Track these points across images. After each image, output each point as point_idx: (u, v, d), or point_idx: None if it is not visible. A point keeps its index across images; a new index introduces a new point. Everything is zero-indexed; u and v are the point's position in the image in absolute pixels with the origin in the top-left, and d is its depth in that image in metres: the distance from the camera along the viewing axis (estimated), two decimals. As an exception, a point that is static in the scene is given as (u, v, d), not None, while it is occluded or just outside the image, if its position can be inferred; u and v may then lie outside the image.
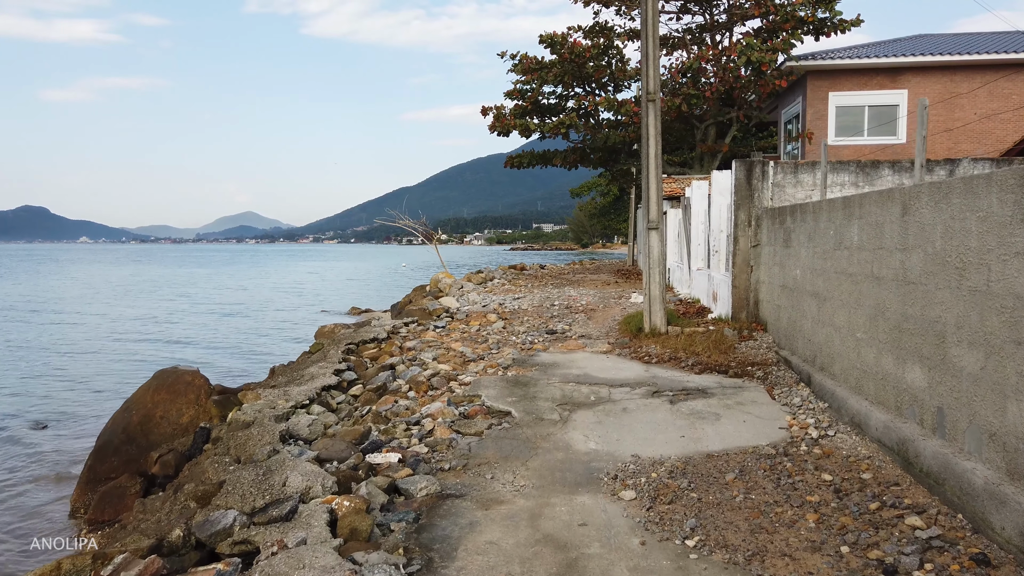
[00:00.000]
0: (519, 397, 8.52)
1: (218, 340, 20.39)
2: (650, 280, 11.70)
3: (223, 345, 19.47)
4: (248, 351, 18.23)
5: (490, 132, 26.64)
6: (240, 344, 19.68)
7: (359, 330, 13.90)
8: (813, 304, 8.54)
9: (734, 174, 11.41)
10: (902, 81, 27.52)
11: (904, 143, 27.40)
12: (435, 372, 10.23)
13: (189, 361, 16.11)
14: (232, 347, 19.13)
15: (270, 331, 22.57)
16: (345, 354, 11.66)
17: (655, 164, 11.50)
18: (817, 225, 8.47)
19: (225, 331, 22.93)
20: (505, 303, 18.73)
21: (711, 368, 9.67)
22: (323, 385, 9.23)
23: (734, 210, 11.39)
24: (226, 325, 24.95)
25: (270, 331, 22.57)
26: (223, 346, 19.34)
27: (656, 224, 11.63)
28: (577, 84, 26.43)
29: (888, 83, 27.20)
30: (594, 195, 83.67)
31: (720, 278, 13.14)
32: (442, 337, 13.37)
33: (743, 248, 11.37)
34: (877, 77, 27.26)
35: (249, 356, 17.16)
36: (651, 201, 11.59)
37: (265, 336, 21.08)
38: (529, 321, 15.19)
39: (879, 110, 27.30)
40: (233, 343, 19.87)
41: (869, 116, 27.42)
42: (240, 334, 22.08)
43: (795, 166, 11.35)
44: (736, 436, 7.01)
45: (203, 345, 19.46)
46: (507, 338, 13.07)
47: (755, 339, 10.63)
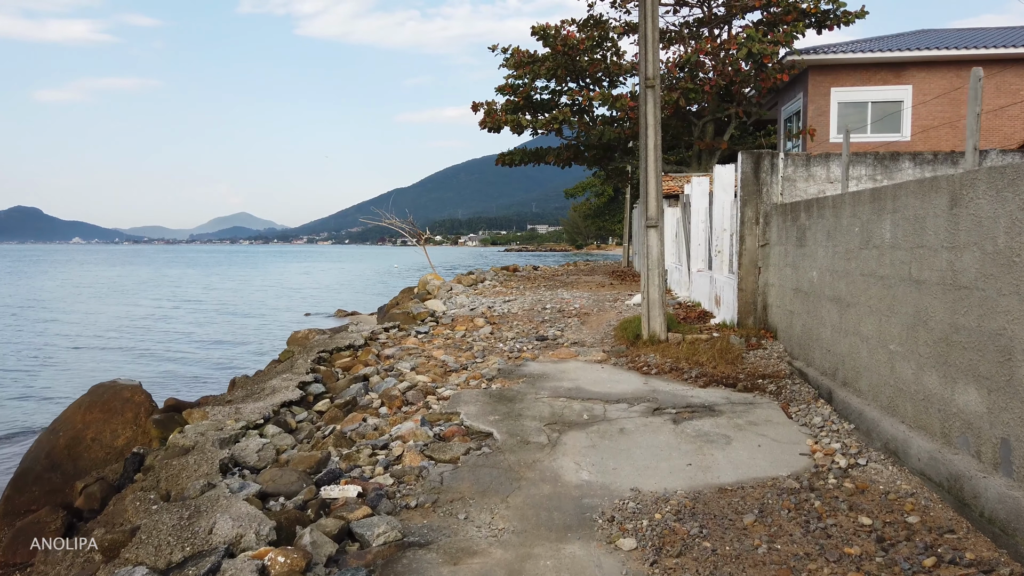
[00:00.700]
0: (503, 415, 7.54)
1: (188, 346, 19.24)
2: (648, 282, 10.74)
3: (191, 352, 18.29)
4: (217, 359, 17.08)
5: (480, 128, 25.65)
6: (211, 350, 18.55)
7: (335, 336, 12.91)
8: (833, 310, 7.59)
9: (740, 167, 10.47)
10: (906, 76, 26.66)
11: (908, 140, 26.54)
12: (412, 384, 9.25)
13: (151, 370, 15.08)
14: (201, 354, 17.98)
15: (247, 335, 21.52)
16: (315, 364, 10.67)
17: (654, 156, 10.55)
18: (838, 221, 7.51)
19: (199, 335, 21.86)
20: (494, 306, 17.76)
21: (717, 381, 8.71)
22: (283, 401, 8.23)
23: (740, 206, 10.44)
24: (202, 329, 23.89)
25: (247, 335, 21.52)
26: (191, 353, 18.12)
27: (655, 221, 10.67)
28: (571, 79, 25.47)
29: (892, 78, 26.34)
30: (588, 196, 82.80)
31: (723, 280, 12.19)
32: (424, 344, 12.39)
33: (750, 248, 10.42)
34: (881, 72, 26.39)
35: (217, 364, 16.03)
36: (650, 196, 10.63)
37: (239, 341, 19.98)
38: (518, 326, 14.22)
39: (883, 106, 26.43)
40: (203, 349, 18.74)
41: (872, 112, 26.56)
42: (213, 339, 21.02)
43: (807, 158, 10.41)
44: (751, 464, 6.04)
45: (170, 352, 18.20)
46: (494, 345, 12.09)
47: (764, 348, 9.67)
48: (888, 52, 25.69)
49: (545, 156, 26.93)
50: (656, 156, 10.54)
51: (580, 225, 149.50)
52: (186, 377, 14.73)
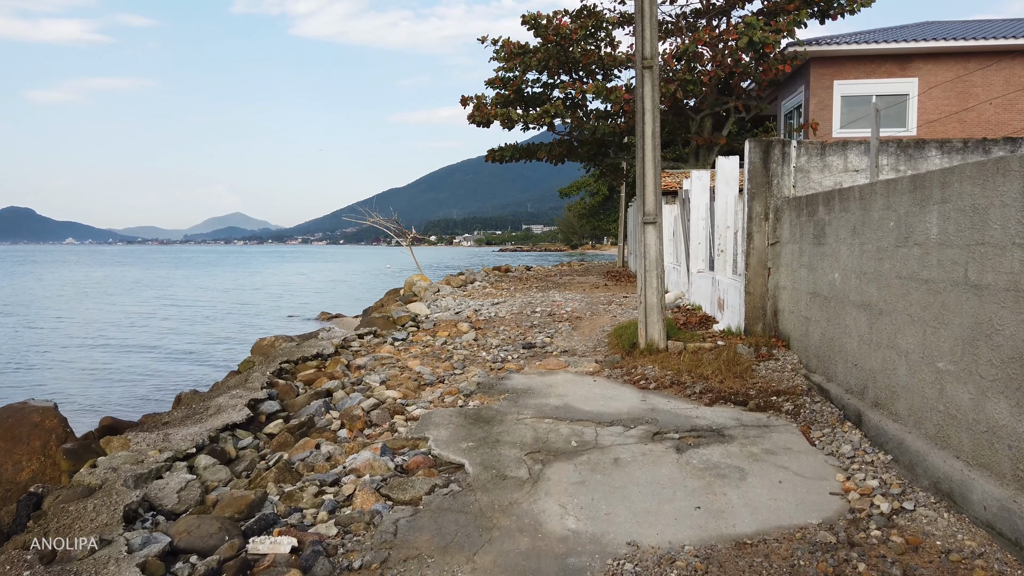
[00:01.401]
0: (478, 441, 6.47)
1: (154, 352, 17.95)
2: (646, 285, 9.67)
3: (156, 358, 16.93)
4: (181, 368, 15.71)
5: (469, 122, 24.56)
6: (177, 358, 17.23)
7: (303, 344, 11.83)
8: (861, 318, 6.53)
9: (748, 157, 9.42)
10: (912, 69, 25.67)
11: (914, 135, 25.55)
12: (379, 401, 8.18)
13: (105, 380, 13.95)
14: (165, 362, 16.62)
15: (221, 340, 20.37)
16: (275, 376, 9.58)
17: (652, 144, 9.49)
18: (867, 215, 6.46)
19: (170, 340, 20.65)
20: (481, 309, 16.69)
21: (725, 398, 7.65)
22: (226, 424, 7.15)
23: (748, 201, 9.39)
24: (176, 332, 22.73)
25: (221, 340, 20.37)
26: (156, 360, 16.71)
27: (654, 217, 9.61)
28: (563, 71, 24.40)
29: (897, 71, 25.36)
30: (583, 195, 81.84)
31: (728, 283, 11.14)
32: (399, 353, 11.31)
33: (758, 247, 9.37)
34: (885, 64, 25.40)
35: (179, 374, 14.79)
36: (647, 189, 9.57)
37: (210, 347, 18.79)
38: (505, 332, 13.15)
39: (887, 100, 25.43)
40: (169, 356, 17.41)
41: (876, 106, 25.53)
42: (184, 344, 19.83)
43: (821, 147, 9.37)
44: (773, 507, 4.98)
45: (132, 358, 16.89)
46: (476, 354, 11.02)
47: (776, 359, 8.61)
48: (893, 43, 24.69)
49: (537, 152, 25.86)
50: (654, 144, 9.48)
51: (575, 225, 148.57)
52: (142, 389, 13.54)
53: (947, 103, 25.46)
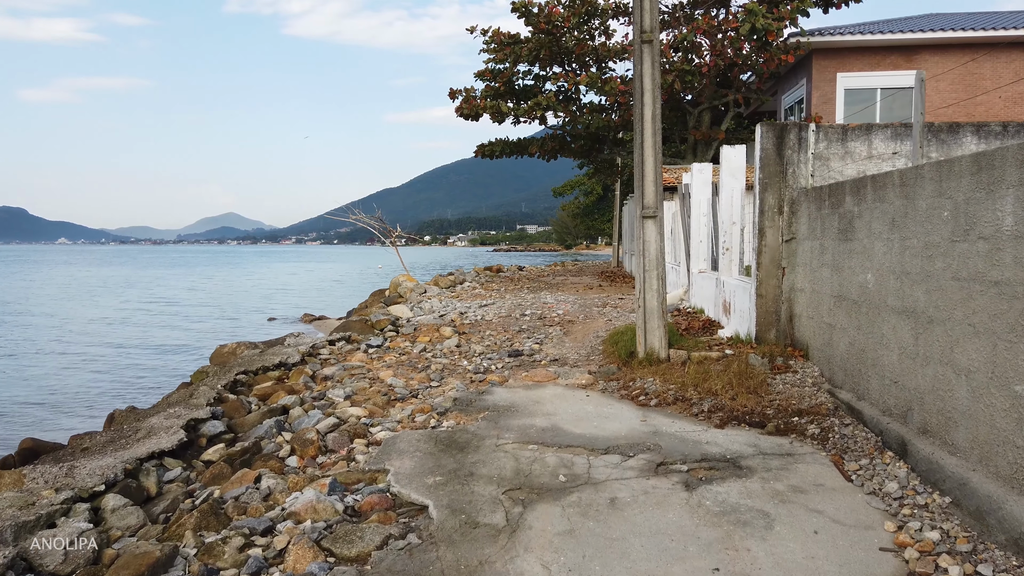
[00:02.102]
0: (448, 474, 5.41)
1: (116, 358, 16.57)
2: (645, 286, 8.62)
3: (116, 364, 15.47)
4: (139, 376, 14.25)
5: (457, 115, 23.47)
6: (139, 364, 15.74)
7: (266, 352, 10.75)
8: (904, 327, 5.49)
9: (760, 143, 8.37)
10: (918, 60, 24.68)
11: (921, 130, 24.43)
12: (340, 421, 7.12)
13: (48, 388, 12.80)
14: (124, 369, 15.16)
15: (193, 344, 19.24)
16: (227, 390, 8.51)
17: (652, 129, 8.44)
18: (911, 204, 5.42)
19: (137, 344, 19.40)
20: (468, 312, 15.63)
21: (738, 417, 6.60)
22: (151, 451, 6.07)
23: (759, 192, 8.35)
24: (145, 335, 21.55)
25: (193, 344, 19.24)
26: (115, 366, 15.23)
27: (654, 210, 8.55)
28: (555, 62, 23.35)
29: (903, 63, 24.38)
30: (577, 194, 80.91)
31: (734, 284, 10.10)
32: (372, 362, 10.24)
33: (771, 244, 8.33)
34: (891, 56, 24.43)
35: (133, 385, 13.45)
36: (647, 180, 8.51)
37: (174, 353, 17.50)
38: (491, 337, 12.10)
39: (892, 93, 24.46)
40: (129, 362, 16.01)
41: (882, 100, 24.59)
42: (153, 348, 18.65)
43: (843, 131, 8.33)
44: (811, 570, 3.93)
45: (86, 368, 15.35)
46: (457, 363, 9.96)
47: (794, 371, 7.57)
48: (898, 34, 23.71)
49: (528, 147, 24.80)
50: (655, 129, 8.43)
51: (569, 225, 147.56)
52: (88, 397, 12.32)
53: (954, 96, 24.51)
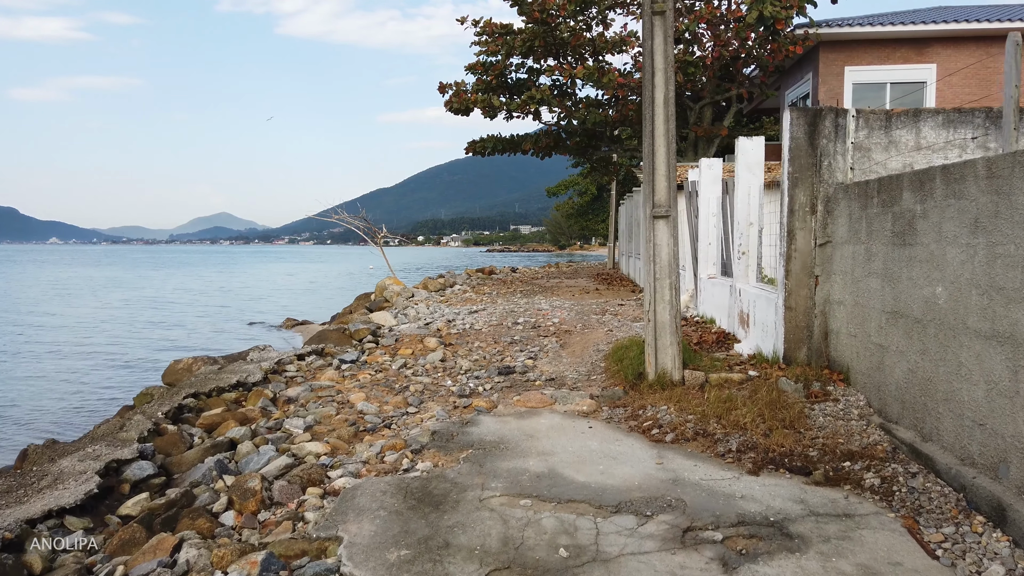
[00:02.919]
0: (416, 547, 4.22)
1: (63, 372, 15.05)
2: (656, 297, 7.44)
3: (57, 382, 13.93)
4: (75, 396, 12.77)
5: (446, 109, 22.28)
6: (89, 378, 14.33)
7: (225, 368, 9.53)
8: (996, 356, 4.33)
9: (789, 131, 7.21)
10: (930, 54, 23.60)
11: (933, 126, 23.38)
12: (295, 461, 5.93)
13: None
14: (69, 384, 13.82)
15: (153, 354, 17.86)
16: (168, 418, 7.29)
17: (664, 114, 7.26)
18: (1007, 201, 4.26)
19: (100, 352, 17.98)
20: (456, 319, 14.45)
21: (775, 460, 5.43)
22: (48, 509, 4.85)
23: (788, 188, 7.18)
24: (113, 341, 20.24)
25: (153, 354, 17.86)
26: (55, 384, 13.66)
27: (667, 208, 7.37)
28: (550, 55, 22.17)
29: (914, 56, 23.30)
30: (571, 194, 79.87)
31: (753, 293, 8.94)
32: (343, 381, 9.04)
33: (802, 248, 7.17)
34: (901, 49, 23.34)
35: (65, 407, 11.87)
36: (658, 173, 7.34)
37: (129, 368, 15.91)
38: (480, 350, 10.92)
39: (903, 88, 23.39)
40: (74, 378, 14.46)
41: (892, 95, 23.51)
42: (114, 357, 17.32)
43: (887, 117, 7.18)
44: None
45: (35, 383, 13.82)
46: (439, 382, 8.77)
47: (834, 399, 6.40)
48: (910, 26, 22.63)
49: (522, 144, 23.60)
50: (667, 115, 7.26)
51: (563, 225, 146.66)
52: (9, 425, 10.77)
53: (968, 91, 23.40)
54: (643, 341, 9.22)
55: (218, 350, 17.39)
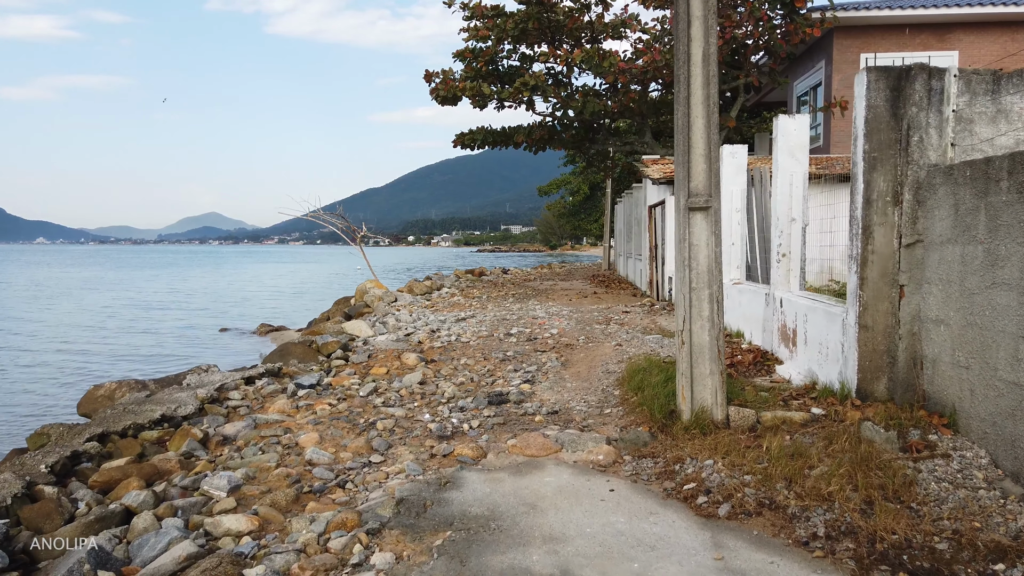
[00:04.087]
0: None
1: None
2: (691, 314, 5.75)
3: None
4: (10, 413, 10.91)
5: (432, 98, 20.55)
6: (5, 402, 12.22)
7: (155, 396, 7.78)
8: None
9: (865, 98, 5.55)
10: (951, 40, 22.05)
11: (954, 118, 21.82)
12: (204, 549, 4.23)
13: None
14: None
15: (107, 365, 16.06)
16: (55, 471, 5.56)
17: (704, 76, 5.58)
18: None
19: (38, 366, 16.13)
20: (441, 329, 12.76)
21: (890, 558, 3.74)
22: None
23: (864, 171, 5.53)
24: (63, 350, 18.40)
25: (107, 365, 16.06)
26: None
27: (706, 198, 5.68)
28: (544, 39, 20.48)
29: (934, 42, 21.74)
30: (563, 194, 78.31)
31: (803, 305, 7.27)
32: (297, 413, 7.31)
33: (882, 249, 5.52)
34: (921, 35, 21.78)
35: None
36: (695, 152, 5.65)
37: (61, 387, 13.99)
38: (467, 369, 9.22)
39: (923, 76, 21.81)
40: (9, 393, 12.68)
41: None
42: (45, 373, 15.37)
43: (994, 80, 5.54)
44: None
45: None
46: (416, 415, 7.06)
47: (943, 454, 4.72)
48: (931, 9, 21.04)
49: (514, 136, 21.88)
50: (707, 75, 5.58)
51: (554, 225, 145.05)
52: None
53: (992, 80, 21.76)
54: (663, 361, 7.55)
55: (182, 360, 15.61)
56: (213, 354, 17.16)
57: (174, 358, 16.25)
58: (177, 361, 15.78)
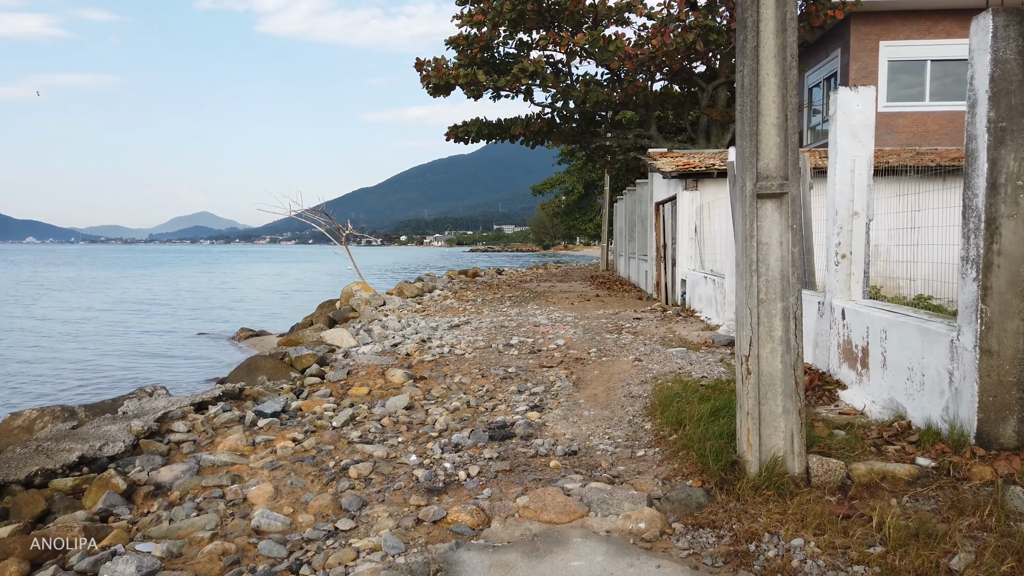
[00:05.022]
0: None
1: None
2: (758, 333, 4.39)
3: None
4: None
5: (423, 87, 19.14)
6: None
7: (82, 428, 6.34)
8: None
9: (991, 51, 4.23)
10: (976, 27, 20.58)
11: (980, 109, 20.55)
12: None
13: None
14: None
15: (39, 386, 14.42)
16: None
17: (777, 23, 4.22)
18: None
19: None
20: (432, 338, 11.39)
21: None
22: None
23: (989, 147, 4.19)
24: (13, 359, 16.85)
25: (39, 386, 14.42)
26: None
27: (781, 181, 4.30)
28: (542, 24, 19.12)
29: (958, 29, 20.49)
30: (557, 193, 77.10)
31: (880, 319, 5.92)
32: (253, 452, 5.91)
33: (1012, 250, 4.19)
34: (943, 22, 20.52)
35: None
36: (765, 121, 4.29)
37: (34, 388, 12.80)
38: (462, 390, 7.86)
39: (945, 66, 20.55)
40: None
41: (932, 74, 20.66)
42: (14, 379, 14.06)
43: None
44: None
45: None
46: (400, 456, 5.66)
47: None
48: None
49: (511, 128, 20.51)
50: (782, 19, 4.22)
51: (547, 225, 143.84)
52: None
53: (1020, 69, 20.46)
54: (701, 384, 6.18)
55: (141, 374, 14.13)
56: (180, 364, 15.67)
57: (132, 371, 14.67)
58: (136, 373, 14.23)
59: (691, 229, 14.87)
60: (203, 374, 13.85)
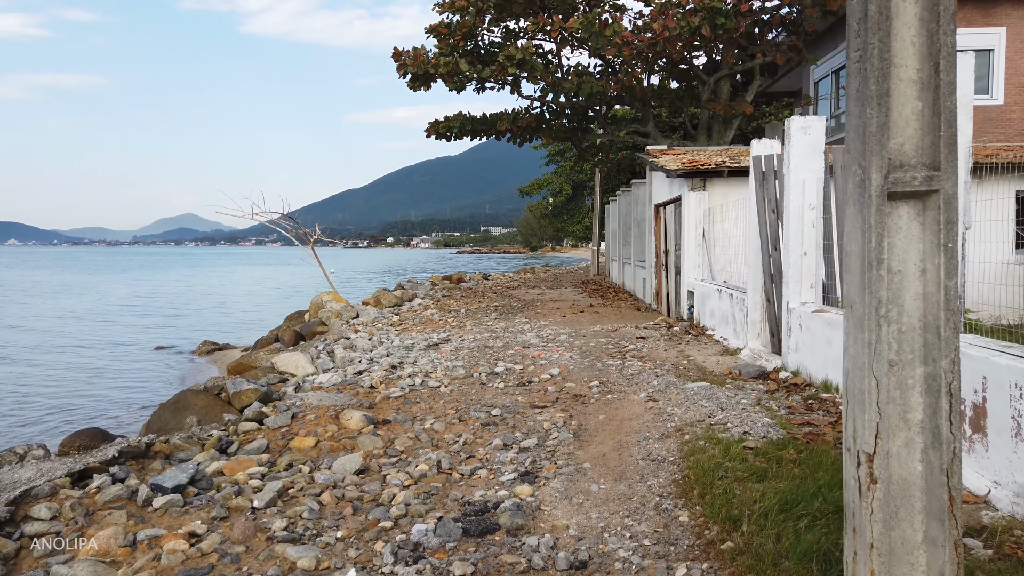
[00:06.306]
0: None
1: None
2: (887, 415, 2.75)
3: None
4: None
5: (400, 77, 17.44)
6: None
7: None
8: None
9: None
10: (998, 15, 19.45)
11: (1002, 104, 19.27)
12: None
13: None
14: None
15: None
16: None
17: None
18: None
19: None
20: (405, 363, 9.72)
21: None
22: None
23: None
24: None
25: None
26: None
27: (928, 176, 2.70)
28: (530, 10, 17.47)
29: (978, 17, 19.05)
30: (545, 194, 75.64)
31: (1002, 366, 4.29)
32: (124, 559, 4.22)
33: None
34: (963, 9, 19.06)
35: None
36: (899, 72, 2.67)
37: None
38: (434, 439, 6.18)
39: (964, 56, 19.05)
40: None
41: (950, 65, 19.16)
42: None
43: None
44: None
45: None
46: (332, 567, 3.97)
47: None
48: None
49: (496, 123, 18.81)
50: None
51: (535, 226, 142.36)
52: None
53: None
54: (748, 449, 4.53)
55: (65, 406, 12.25)
56: (121, 388, 13.76)
57: (56, 399, 12.60)
58: (59, 401, 12.21)
59: (698, 234, 13.25)
60: (144, 399, 12.10)
